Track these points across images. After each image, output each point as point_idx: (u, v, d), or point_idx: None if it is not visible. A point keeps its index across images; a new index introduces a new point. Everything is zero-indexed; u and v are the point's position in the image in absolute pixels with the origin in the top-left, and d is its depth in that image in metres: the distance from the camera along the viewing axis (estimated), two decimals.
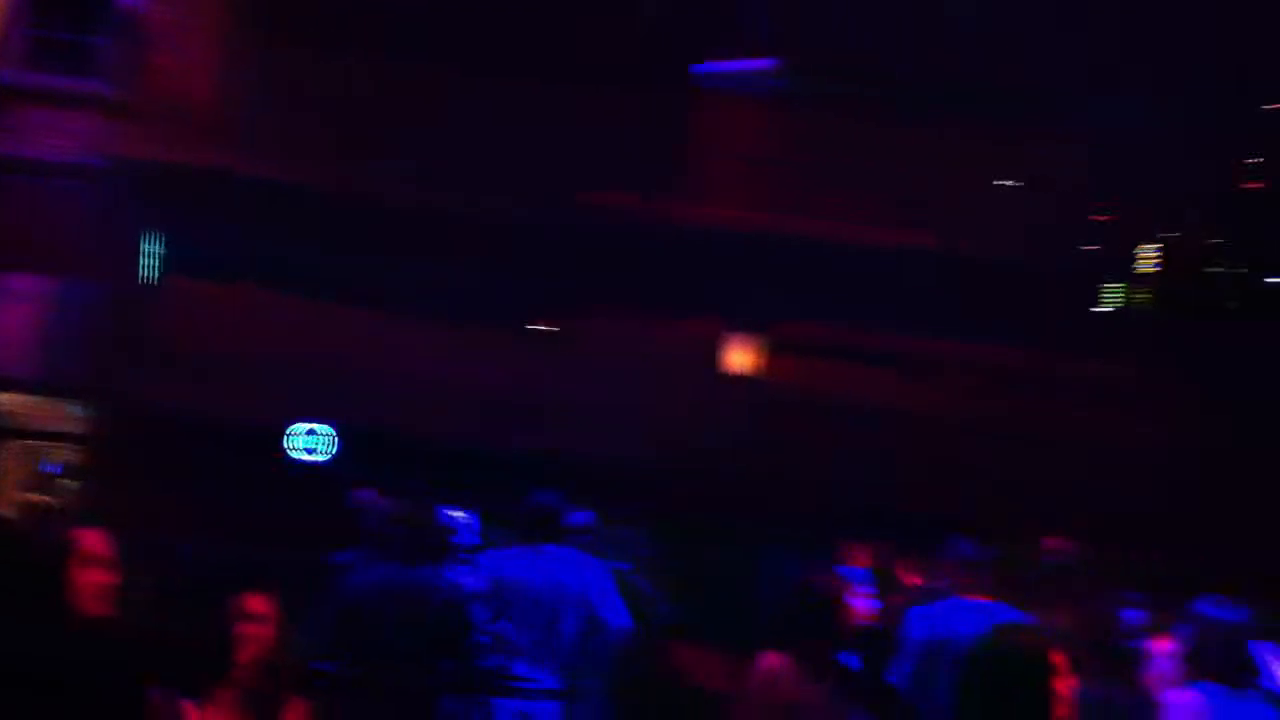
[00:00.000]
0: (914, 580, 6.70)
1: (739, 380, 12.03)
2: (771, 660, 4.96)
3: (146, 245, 11.90)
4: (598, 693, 5.99)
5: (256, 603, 4.39)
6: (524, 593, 5.88)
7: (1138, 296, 12.21)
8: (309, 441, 11.72)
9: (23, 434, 12.02)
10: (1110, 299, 12.24)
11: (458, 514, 6.26)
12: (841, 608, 5.67)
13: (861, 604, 6.45)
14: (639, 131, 11.92)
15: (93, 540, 3.90)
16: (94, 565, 3.86)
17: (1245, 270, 11.91)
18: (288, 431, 11.68)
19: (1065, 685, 4.71)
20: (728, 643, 5.79)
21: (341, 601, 5.51)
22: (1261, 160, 11.86)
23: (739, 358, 12.08)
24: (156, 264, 11.88)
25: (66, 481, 11.70)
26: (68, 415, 11.91)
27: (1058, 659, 4.70)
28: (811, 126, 12.22)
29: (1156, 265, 12.19)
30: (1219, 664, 4.41)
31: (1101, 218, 12.14)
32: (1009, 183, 12.17)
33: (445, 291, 11.34)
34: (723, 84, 12.41)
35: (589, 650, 5.89)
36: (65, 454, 11.95)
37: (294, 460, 11.61)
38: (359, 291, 11.29)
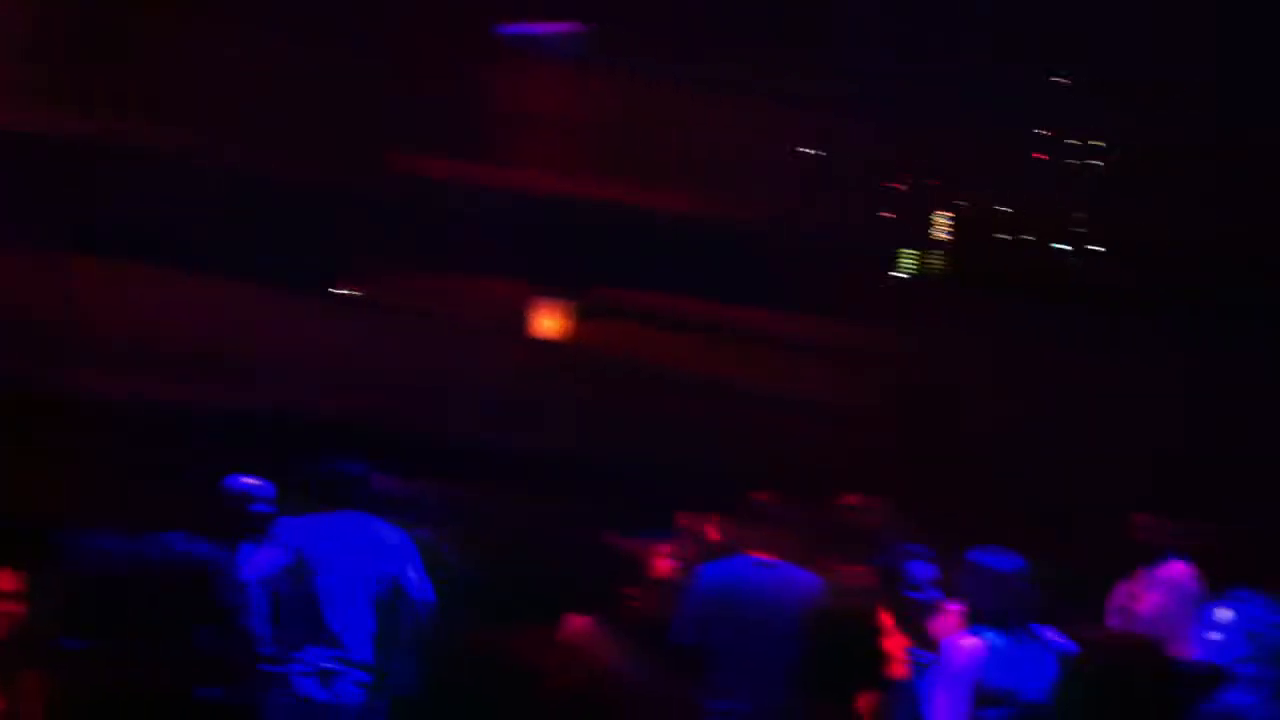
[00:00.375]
0: (716, 540, 6.82)
1: (547, 345, 12.05)
2: (575, 623, 5.00)
3: None
4: (402, 664, 5.94)
5: (3, 579, 4.24)
6: (325, 562, 5.79)
7: (931, 265, 12.62)
8: None
9: None
10: (905, 267, 12.62)
11: (252, 481, 6.12)
12: (645, 569, 5.75)
13: (666, 565, 6.55)
14: (443, 94, 11.81)
15: None
16: None
17: (1033, 239, 12.39)
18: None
19: (896, 644, 4.88)
20: (534, 610, 5.80)
21: (91, 575, 5.32)
22: (1050, 133, 12.33)
23: (547, 323, 12.10)
24: None
25: None
26: None
27: (885, 619, 4.87)
28: (618, 92, 12.26)
29: (949, 233, 12.60)
30: (995, 611, 4.62)
31: (899, 186, 12.50)
32: (811, 152, 12.42)
33: (248, 255, 11.08)
34: (529, 47, 12.35)
35: (392, 621, 5.83)
36: None
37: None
38: (161, 254, 10.96)
